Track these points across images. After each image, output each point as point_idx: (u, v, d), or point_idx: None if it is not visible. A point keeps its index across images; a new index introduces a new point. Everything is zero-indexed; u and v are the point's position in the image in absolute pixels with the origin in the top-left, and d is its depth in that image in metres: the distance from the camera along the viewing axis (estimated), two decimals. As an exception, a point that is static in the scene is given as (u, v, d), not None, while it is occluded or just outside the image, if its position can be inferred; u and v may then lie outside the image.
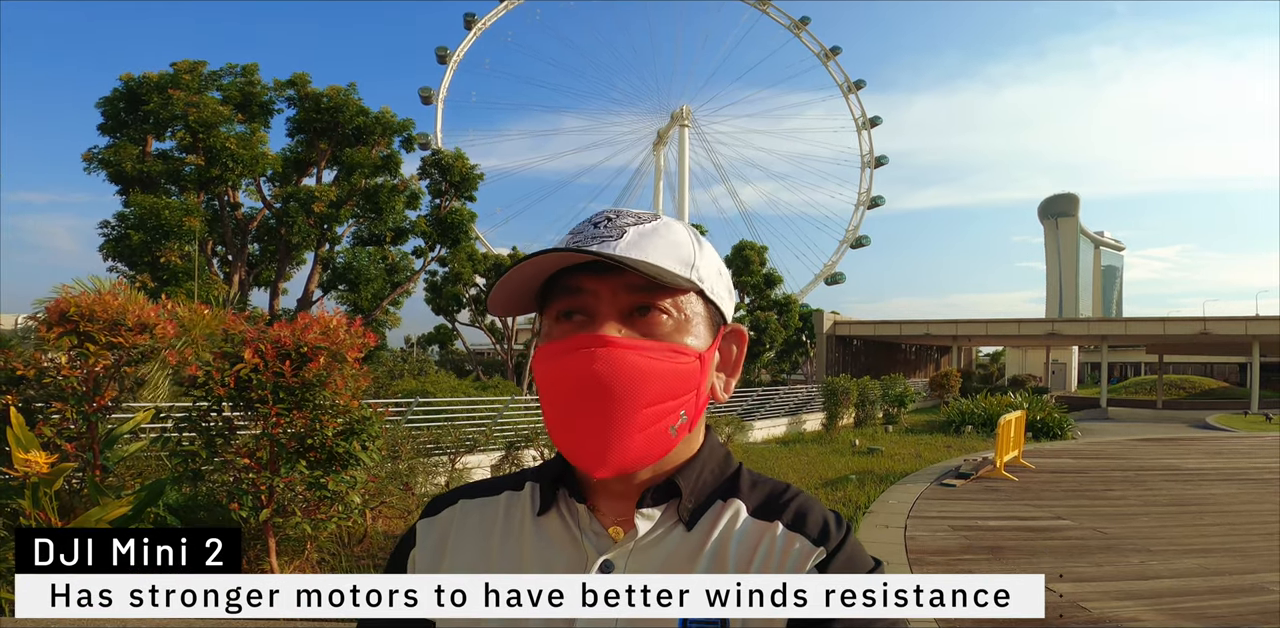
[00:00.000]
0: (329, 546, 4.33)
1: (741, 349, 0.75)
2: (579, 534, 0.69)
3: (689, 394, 0.66)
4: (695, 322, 0.68)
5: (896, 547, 6.04)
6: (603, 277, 0.65)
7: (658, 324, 0.66)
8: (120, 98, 20.35)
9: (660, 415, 0.64)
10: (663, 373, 0.64)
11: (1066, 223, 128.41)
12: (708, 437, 0.74)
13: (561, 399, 0.64)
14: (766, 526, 0.69)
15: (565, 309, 0.67)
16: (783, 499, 0.71)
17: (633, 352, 0.63)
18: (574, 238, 0.68)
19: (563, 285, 0.67)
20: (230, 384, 3.53)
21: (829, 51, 48.17)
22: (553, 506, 0.72)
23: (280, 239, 21.61)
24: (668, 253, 0.66)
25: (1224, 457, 12.52)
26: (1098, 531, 6.57)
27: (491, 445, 8.33)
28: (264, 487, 3.62)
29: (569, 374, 0.63)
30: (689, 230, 0.71)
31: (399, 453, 5.64)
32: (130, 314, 3.63)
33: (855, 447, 13.50)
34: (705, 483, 0.71)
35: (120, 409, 4.07)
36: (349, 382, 3.81)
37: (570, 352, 0.63)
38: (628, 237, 0.66)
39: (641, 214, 0.70)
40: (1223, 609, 4.43)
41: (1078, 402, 28.23)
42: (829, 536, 0.68)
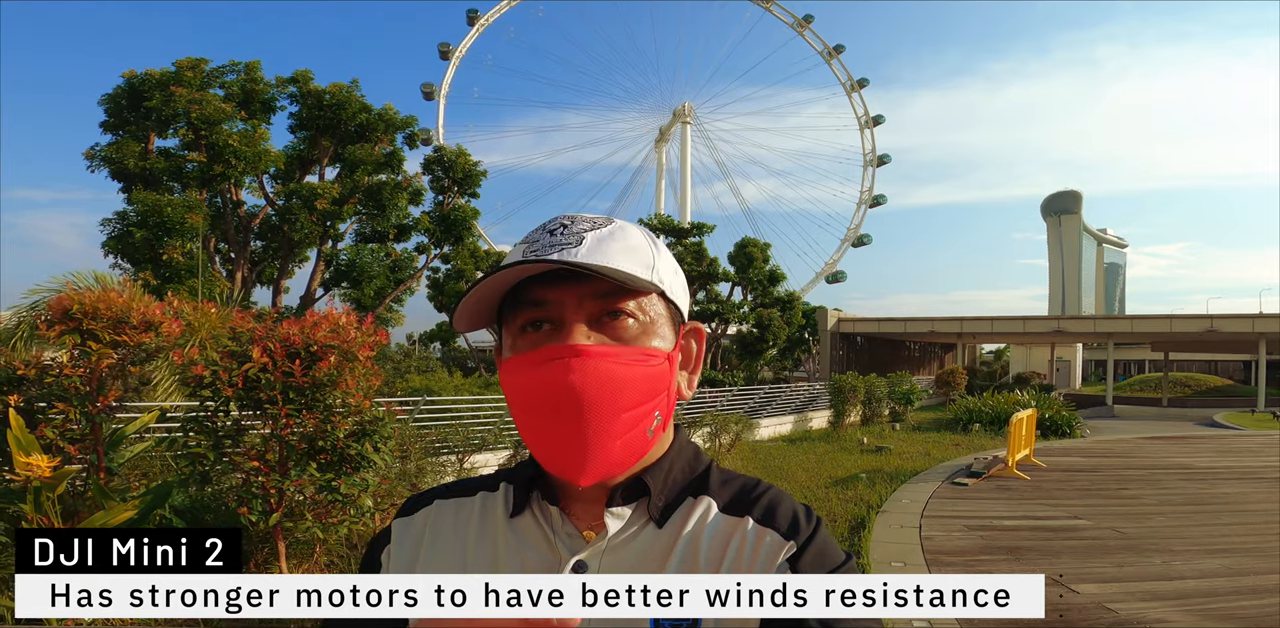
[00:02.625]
0: (338, 549, 4.26)
1: (700, 346, 0.74)
2: (552, 536, 0.69)
3: (661, 395, 0.66)
4: (659, 323, 0.68)
5: (913, 547, 5.95)
6: (567, 285, 0.64)
7: (625, 328, 0.65)
8: (123, 95, 20.31)
9: (637, 420, 0.64)
10: (636, 377, 0.63)
11: (1069, 220, 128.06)
12: (677, 435, 0.74)
13: (537, 411, 0.63)
14: (737, 521, 0.69)
15: (531, 320, 0.66)
16: (753, 495, 0.71)
17: (606, 359, 0.62)
18: (530, 247, 0.66)
19: (525, 298, 0.65)
20: (239, 384, 3.44)
21: (832, 50, 47.97)
22: (526, 507, 0.71)
23: (283, 236, 21.58)
24: (628, 257, 0.66)
25: (1234, 455, 12.44)
26: (1116, 530, 6.48)
27: (500, 444, 8.25)
28: (273, 490, 3.54)
29: (543, 386, 0.62)
30: (644, 232, 0.71)
31: (409, 453, 5.56)
32: (135, 312, 3.53)
33: (863, 445, 13.42)
34: (675, 481, 0.71)
35: (125, 409, 3.98)
36: (360, 381, 3.72)
37: (543, 363, 0.62)
38: (586, 243, 0.65)
39: (596, 219, 0.69)
40: (1251, 610, 4.35)
41: (1083, 399, 28.07)
42: (799, 529, 0.68)
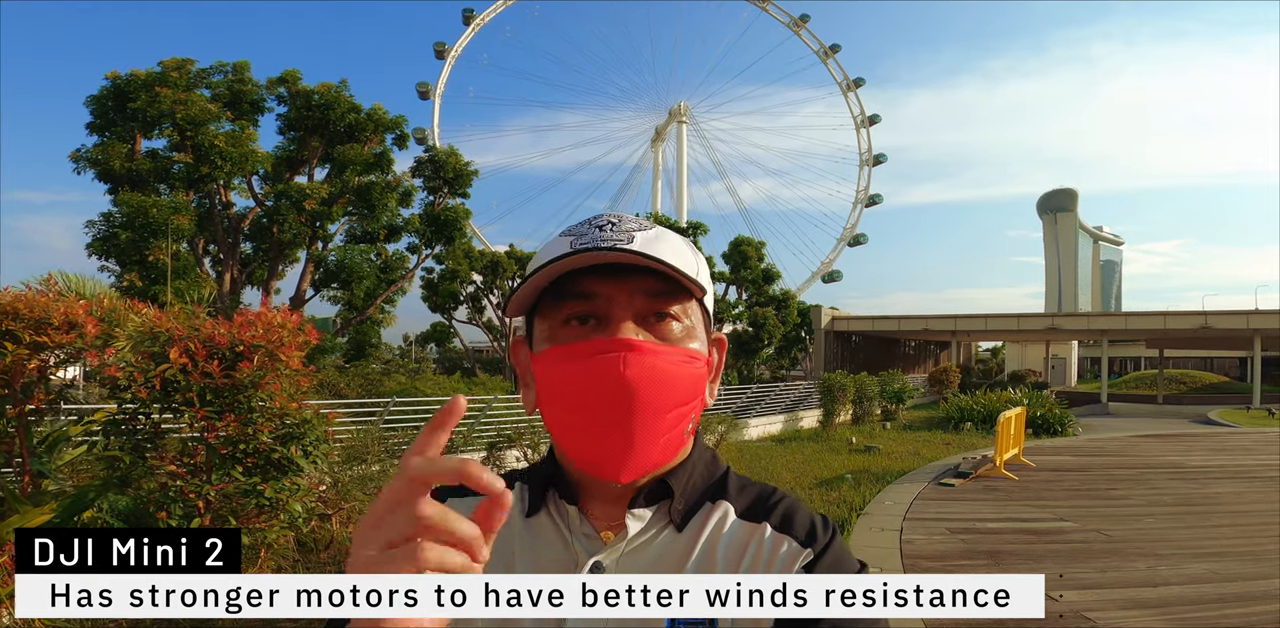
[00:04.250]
0: (285, 552, 4.11)
1: (723, 355, 0.75)
2: (569, 536, 0.68)
3: (699, 398, 0.67)
4: (698, 328, 0.68)
5: (891, 552, 5.79)
6: (619, 280, 0.64)
7: (670, 330, 0.65)
8: (108, 96, 20.12)
9: (678, 420, 0.64)
10: (682, 377, 0.64)
11: (1065, 218, 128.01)
12: (696, 440, 0.74)
13: (582, 404, 0.62)
14: (755, 527, 0.69)
15: (578, 313, 0.65)
16: (770, 502, 0.72)
17: (659, 357, 0.62)
18: (579, 239, 0.65)
19: (573, 289, 0.65)
20: (155, 386, 3.29)
21: (828, 49, 47.87)
22: (542, 507, 0.71)
23: (272, 237, 21.42)
24: (677, 260, 0.65)
25: (1228, 453, 12.31)
26: (1101, 533, 6.33)
27: (470, 447, 8.05)
28: (191, 494, 3.39)
29: (595, 379, 0.61)
30: (685, 239, 0.71)
31: (367, 455, 5.41)
32: (56, 312, 3.39)
33: (852, 444, 13.28)
34: (695, 485, 0.71)
35: (58, 412, 3.84)
36: (285, 382, 3.57)
37: (594, 355, 0.61)
38: (636, 242, 0.64)
39: (640, 221, 0.68)
40: (1236, 619, 4.20)
41: (1078, 397, 27.98)
42: (816, 537, 0.69)
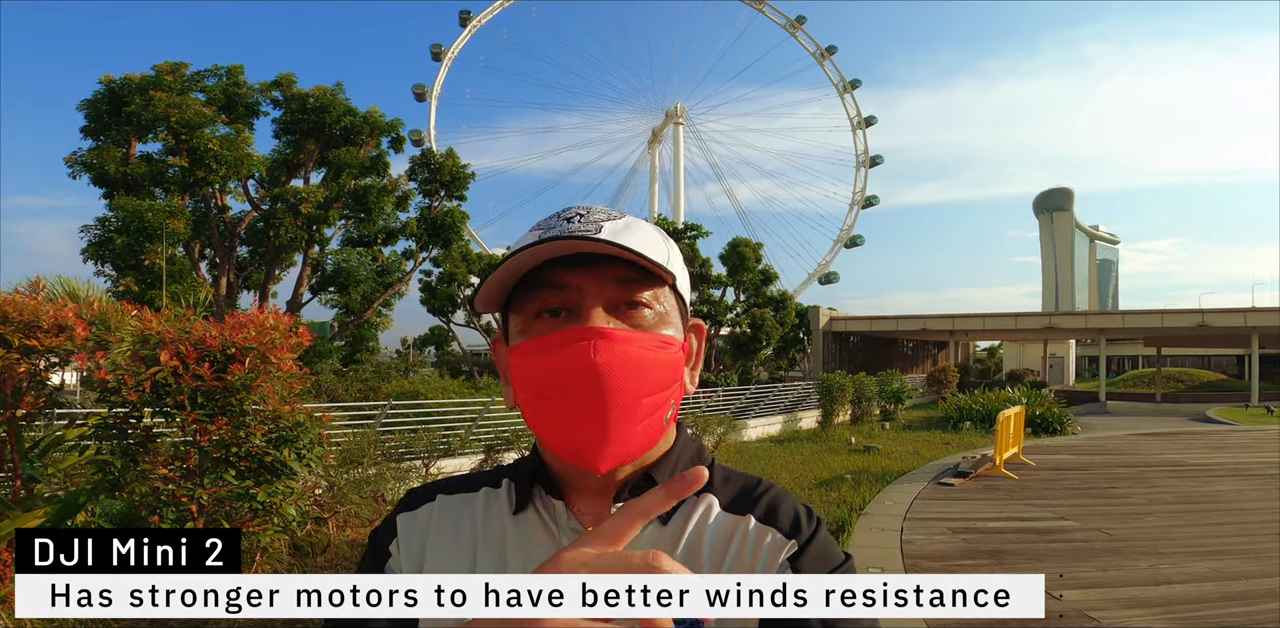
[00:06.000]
0: (282, 557, 4.06)
1: (701, 342, 0.74)
2: (556, 531, 0.68)
3: (676, 384, 0.66)
4: (671, 314, 0.68)
5: (892, 552, 5.76)
6: (588, 269, 0.64)
7: (642, 317, 0.65)
8: (102, 100, 20.03)
9: (655, 406, 0.64)
10: (657, 362, 0.63)
11: (1061, 217, 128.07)
12: (680, 432, 0.74)
13: (556, 393, 0.62)
14: (739, 519, 0.69)
15: (549, 306, 0.65)
16: (754, 493, 0.72)
17: (630, 343, 0.62)
18: (545, 232, 0.65)
19: (543, 280, 0.65)
20: (145, 389, 3.25)
21: (824, 51, 47.93)
22: (529, 503, 0.71)
23: (268, 241, 21.35)
24: (647, 247, 0.65)
25: (1228, 451, 12.29)
26: (1103, 532, 6.31)
27: (468, 449, 8.01)
28: (184, 498, 3.36)
29: (566, 367, 0.61)
30: (656, 228, 0.71)
31: (363, 459, 5.37)
32: (45, 315, 3.35)
33: (851, 445, 13.25)
34: None
35: (46, 417, 3.80)
36: (278, 385, 3.53)
37: (565, 344, 0.61)
38: (605, 231, 0.64)
39: (609, 212, 0.69)
40: (1239, 618, 4.17)
41: (1076, 396, 27.97)
42: (800, 529, 0.69)
